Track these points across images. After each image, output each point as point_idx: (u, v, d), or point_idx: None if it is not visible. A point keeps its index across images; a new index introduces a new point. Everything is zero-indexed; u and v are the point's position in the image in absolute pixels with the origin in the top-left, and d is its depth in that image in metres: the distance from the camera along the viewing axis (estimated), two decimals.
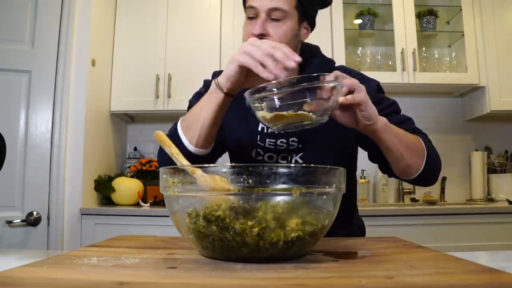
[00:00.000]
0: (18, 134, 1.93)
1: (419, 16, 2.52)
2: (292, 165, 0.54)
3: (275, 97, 0.69)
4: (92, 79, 2.15)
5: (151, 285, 0.43)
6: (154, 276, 0.47)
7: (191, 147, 0.88)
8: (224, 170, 0.55)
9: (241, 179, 0.52)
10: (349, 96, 0.74)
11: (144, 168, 2.35)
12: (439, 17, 2.55)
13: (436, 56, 2.57)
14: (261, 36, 0.91)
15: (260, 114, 0.73)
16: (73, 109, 2.05)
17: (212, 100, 0.84)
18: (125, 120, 2.65)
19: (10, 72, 1.95)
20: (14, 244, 1.84)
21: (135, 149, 2.62)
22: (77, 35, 2.08)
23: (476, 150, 2.63)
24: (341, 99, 0.74)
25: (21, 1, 2.00)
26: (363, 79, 1.01)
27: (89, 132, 2.12)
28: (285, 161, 1.02)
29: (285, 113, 0.69)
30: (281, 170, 0.53)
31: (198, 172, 0.56)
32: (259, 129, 1.03)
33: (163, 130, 0.86)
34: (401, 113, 1.03)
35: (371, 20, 2.51)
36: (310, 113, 0.70)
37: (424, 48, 2.53)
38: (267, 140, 1.02)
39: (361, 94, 0.75)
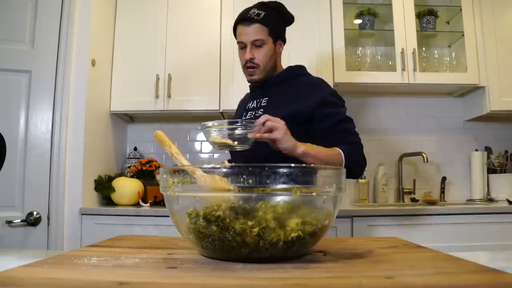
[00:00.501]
0: (18, 134, 1.93)
1: (419, 16, 2.52)
2: (292, 165, 0.54)
3: (218, 130, 1.07)
4: (92, 79, 2.15)
5: (151, 285, 0.43)
6: (154, 276, 0.47)
7: None
8: (224, 170, 0.55)
9: (241, 179, 0.53)
10: (264, 135, 1.08)
11: (144, 168, 2.35)
12: (439, 17, 2.55)
13: (436, 56, 2.57)
14: (251, 59, 1.37)
15: (210, 137, 1.08)
16: (73, 109, 2.05)
17: None
18: (125, 120, 2.65)
19: (10, 72, 1.95)
20: (14, 244, 1.84)
21: (135, 149, 2.62)
22: (77, 35, 2.08)
23: (476, 150, 2.63)
24: (257, 135, 1.08)
25: (21, 1, 2.00)
26: (316, 88, 1.37)
27: (89, 132, 2.12)
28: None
29: (224, 140, 1.06)
30: (281, 170, 0.53)
31: (198, 172, 0.56)
32: (247, 106, 1.48)
33: (163, 130, 0.86)
34: (346, 119, 1.33)
35: (371, 20, 2.51)
36: (235, 142, 1.07)
37: (424, 48, 2.53)
38: (249, 112, 1.46)
39: (277, 133, 1.09)
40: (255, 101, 1.45)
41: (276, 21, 1.40)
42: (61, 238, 1.97)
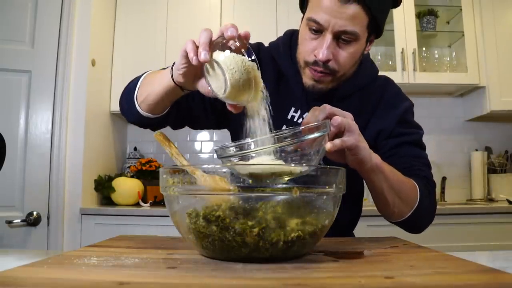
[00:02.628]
0: (18, 134, 1.93)
1: (419, 16, 2.52)
2: (292, 165, 0.54)
3: (251, 156, 0.60)
4: (92, 79, 2.15)
5: (151, 285, 0.43)
6: (154, 276, 0.47)
7: (136, 103, 0.86)
8: (224, 170, 0.55)
9: (241, 179, 0.52)
10: (337, 141, 0.67)
11: (144, 168, 2.35)
12: (439, 17, 2.55)
13: (436, 56, 2.57)
14: (327, 61, 0.84)
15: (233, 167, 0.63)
16: (73, 109, 2.05)
17: (164, 81, 0.77)
18: (125, 120, 2.65)
19: (10, 72, 1.95)
20: (14, 244, 1.84)
21: (135, 149, 2.62)
22: (77, 35, 2.08)
23: (476, 150, 2.63)
24: (328, 146, 0.67)
25: (21, 1, 2.00)
26: (395, 101, 0.97)
27: (89, 132, 2.12)
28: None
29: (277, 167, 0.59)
30: None
31: (198, 172, 0.56)
32: (288, 117, 0.95)
33: (163, 130, 0.86)
34: (420, 144, 0.96)
35: None
36: (292, 165, 0.61)
37: (424, 48, 2.53)
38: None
39: (351, 138, 0.69)
40: (299, 111, 0.96)
41: (384, 3, 0.86)
42: (61, 238, 1.97)
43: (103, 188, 2.21)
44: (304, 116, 0.94)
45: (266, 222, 0.53)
